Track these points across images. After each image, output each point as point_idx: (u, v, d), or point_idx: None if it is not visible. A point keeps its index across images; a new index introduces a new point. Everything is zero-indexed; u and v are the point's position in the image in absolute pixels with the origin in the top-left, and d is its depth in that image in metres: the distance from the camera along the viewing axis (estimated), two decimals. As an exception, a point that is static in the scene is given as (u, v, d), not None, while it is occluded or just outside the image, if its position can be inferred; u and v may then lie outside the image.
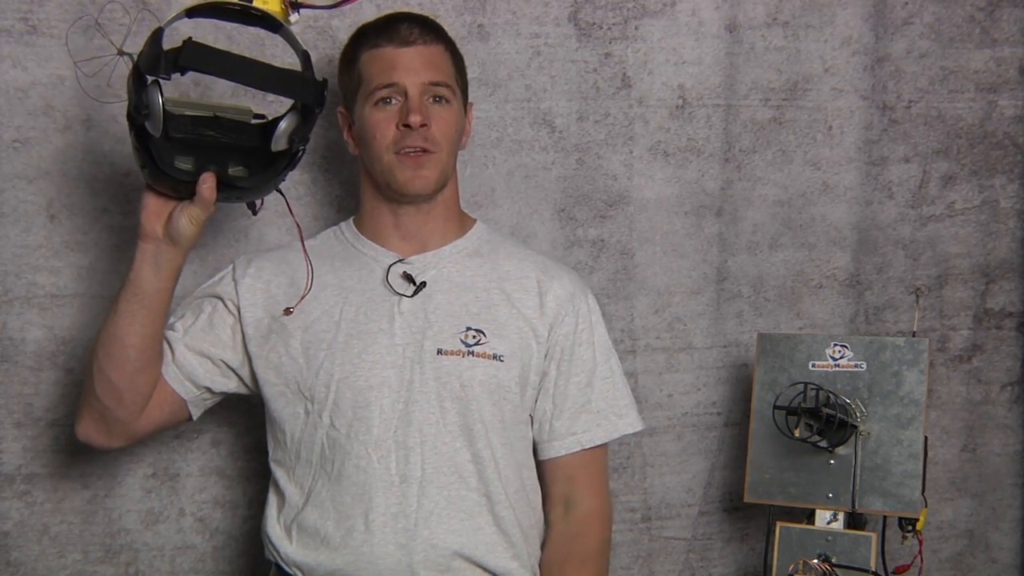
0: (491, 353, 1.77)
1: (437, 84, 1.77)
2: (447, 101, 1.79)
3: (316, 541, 1.74)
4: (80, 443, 1.81)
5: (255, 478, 2.14)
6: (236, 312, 1.82)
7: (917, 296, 2.23)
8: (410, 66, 1.76)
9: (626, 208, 2.27)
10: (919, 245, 2.43)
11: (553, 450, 1.84)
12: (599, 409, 1.86)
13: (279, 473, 1.81)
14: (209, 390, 1.82)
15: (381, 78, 1.77)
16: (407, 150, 1.76)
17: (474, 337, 1.77)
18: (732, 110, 2.30)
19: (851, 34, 2.33)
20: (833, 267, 2.39)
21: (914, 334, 2.11)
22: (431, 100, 1.77)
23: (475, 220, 1.92)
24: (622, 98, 2.24)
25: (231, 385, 1.84)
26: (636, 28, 2.23)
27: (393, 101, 1.77)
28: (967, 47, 2.40)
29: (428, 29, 1.81)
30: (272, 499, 1.82)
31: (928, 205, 2.42)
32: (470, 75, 1.94)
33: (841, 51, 2.33)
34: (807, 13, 2.31)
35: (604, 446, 1.89)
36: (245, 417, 2.13)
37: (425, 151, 1.76)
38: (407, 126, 1.74)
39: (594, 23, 2.21)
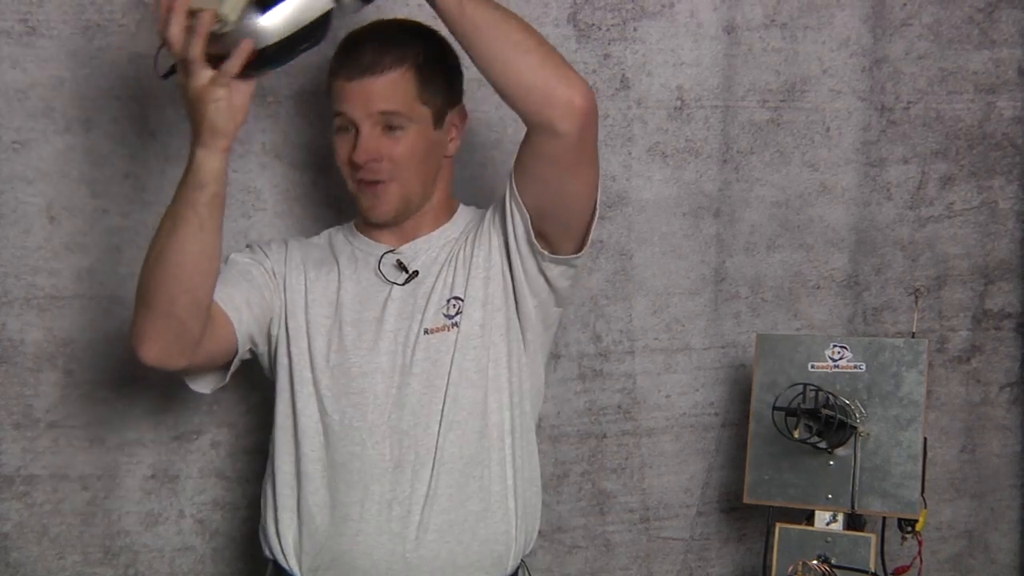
0: (472, 320, 1.77)
1: (387, 113, 1.74)
2: (401, 128, 1.75)
3: (311, 528, 1.75)
4: (81, 446, 1.77)
5: (255, 480, 2.13)
6: (273, 274, 1.83)
7: (916, 297, 2.23)
8: (358, 99, 1.74)
9: (624, 209, 2.27)
10: (918, 246, 2.43)
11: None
12: None
13: (276, 456, 1.81)
14: (252, 338, 1.80)
15: (336, 106, 1.78)
16: (362, 181, 1.78)
17: (454, 306, 1.78)
18: (730, 111, 2.30)
19: (849, 35, 2.33)
20: (831, 268, 2.39)
21: (913, 335, 2.11)
22: (383, 130, 1.75)
23: (458, 203, 1.92)
24: (621, 99, 2.25)
25: (261, 344, 1.83)
26: (635, 29, 2.23)
27: (349, 129, 1.77)
28: (966, 48, 2.40)
29: (383, 54, 1.74)
30: (268, 490, 1.82)
31: (927, 206, 2.43)
32: (470, 75, 1.92)
33: (839, 52, 2.33)
34: (805, 14, 2.31)
35: None
36: (245, 419, 2.13)
37: (380, 182, 1.77)
38: (356, 164, 1.76)
39: (593, 24, 2.21)
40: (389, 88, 1.74)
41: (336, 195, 2.12)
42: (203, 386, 1.81)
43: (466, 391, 1.76)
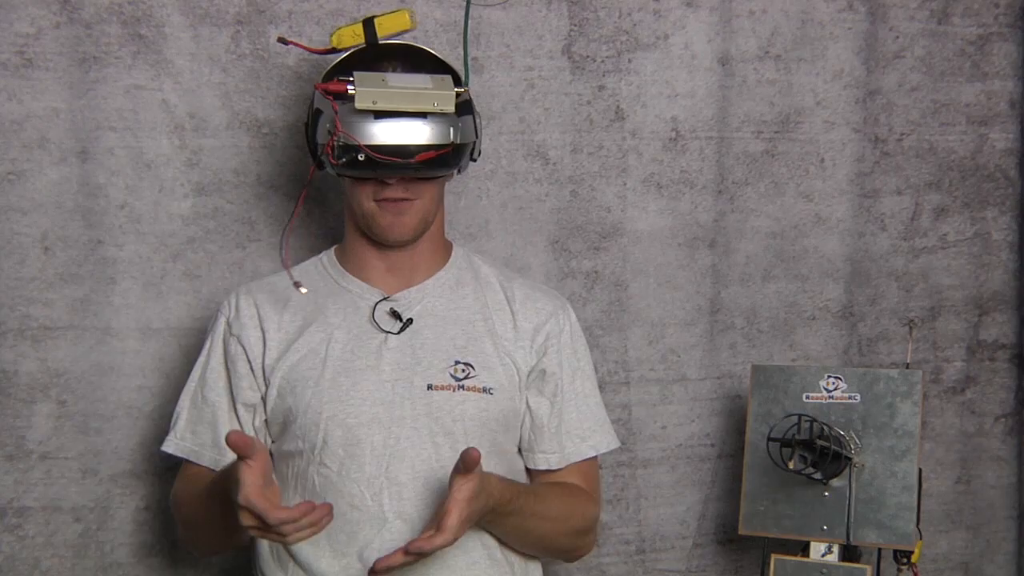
0: (480, 387, 1.77)
1: None
2: None
3: None
4: (74, 477, 1.78)
5: (248, 511, 2.13)
6: (243, 348, 1.79)
7: (910, 328, 2.23)
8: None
9: (620, 240, 2.27)
10: (912, 277, 2.44)
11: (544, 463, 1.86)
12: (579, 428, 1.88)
13: None
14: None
15: None
16: (385, 200, 1.73)
17: (463, 371, 1.77)
18: (725, 142, 2.31)
19: (843, 67, 2.34)
20: (826, 299, 2.39)
21: (907, 366, 2.11)
22: None
23: (451, 244, 1.91)
24: (615, 130, 2.26)
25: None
26: (629, 61, 2.24)
27: None
28: (958, 80, 2.42)
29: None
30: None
31: (920, 237, 2.43)
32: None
33: (833, 84, 2.34)
34: (799, 46, 2.32)
35: (594, 460, 1.91)
36: (238, 449, 2.12)
37: (405, 199, 1.74)
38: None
39: (587, 56, 2.22)
40: None
41: (330, 226, 2.13)
42: None
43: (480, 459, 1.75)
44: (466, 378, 1.76)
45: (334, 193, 2.12)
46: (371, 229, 1.77)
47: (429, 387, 1.75)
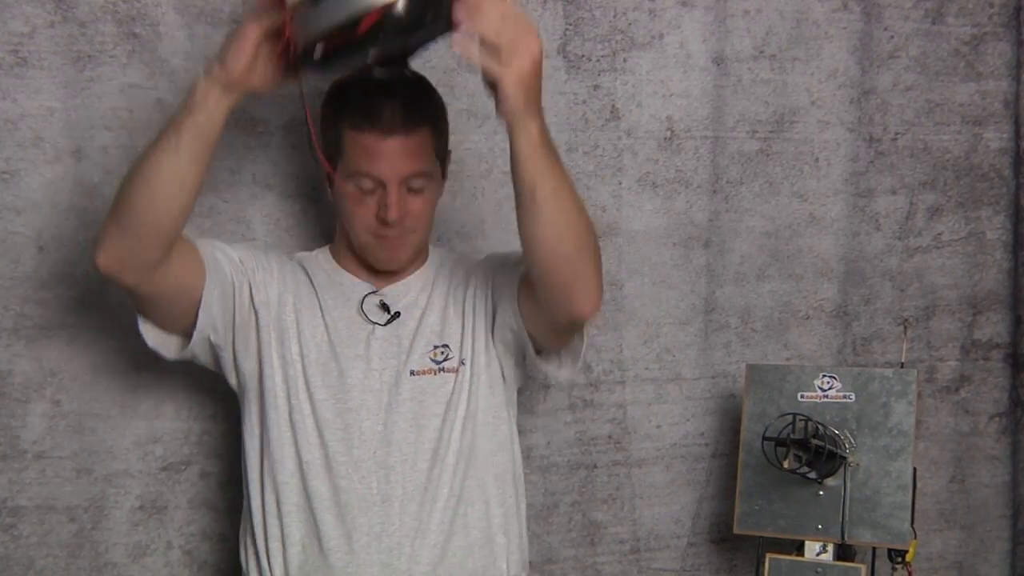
0: (456, 363, 1.82)
1: (416, 175, 1.75)
2: (423, 189, 1.77)
3: (299, 560, 1.75)
4: (69, 477, 1.76)
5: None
6: (249, 285, 1.82)
7: (905, 327, 2.24)
8: (390, 159, 1.72)
9: (615, 239, 2.27)
10: (906, 276, 2.44)
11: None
12: None
13: (261, 485, 1.80)
14: (216, 305, 1.77)
15: (360, 164, 1.73)
16: (384, 236, 1.79)
17: (442, 353, 1.82)
18: (720, 142, 2.31)
19: (837, 67, 2.35)
20: (820, 298, 2.40)
21: (902, 365, 2.12)
22: (408, 190, 1.75)
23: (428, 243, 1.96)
24: (611, 130, 2.26)
25: (221, 327, 1.80)
26: (624, 60, 2.24)
27: (372, 187, 1.74)
28: (952, 80, 2.42)
29: (413, 110, 1.74)
30: (255, 519, 1.81)
31: (915, 237, 2.44)
32: (460, 107, 1.96)
33: (827, 84, 2.35)
34: (793, 46, 2.33)
35: None
36: (234, 448, 2.11)
37: (402, 236, 1.80)
38: (385, 221, 1.75)
39: (583, 55, 2.22)
40: (419, 147, 1.74)
41: (326, 225, 2.12)
42: (166, 347, 1.81)
43: (454, 433, 1.79)
44: (445, 360, 1.82)
45: (329, 192, 2.12)
46: (366, 259, 1.85)
47: (412, 373, 1.81)
